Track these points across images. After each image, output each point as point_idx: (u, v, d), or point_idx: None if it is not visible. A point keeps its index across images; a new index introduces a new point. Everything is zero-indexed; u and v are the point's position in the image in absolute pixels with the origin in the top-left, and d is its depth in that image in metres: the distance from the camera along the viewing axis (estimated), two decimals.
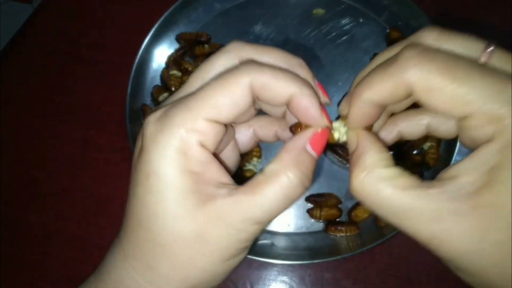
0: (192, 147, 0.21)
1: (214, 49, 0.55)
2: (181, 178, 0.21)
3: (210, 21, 0.59)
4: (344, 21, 0.57)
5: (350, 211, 0.48)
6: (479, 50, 0.20)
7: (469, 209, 0.18)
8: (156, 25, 0.54)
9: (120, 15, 0.62)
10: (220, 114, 0.22)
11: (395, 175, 0.20)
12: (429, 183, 0.19)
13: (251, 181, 0.22)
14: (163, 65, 0.56)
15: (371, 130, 0.24)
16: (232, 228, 0.21)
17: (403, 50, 0.20)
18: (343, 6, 0.58)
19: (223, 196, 0.21)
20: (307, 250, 0.47)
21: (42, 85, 0.58)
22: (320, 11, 0.58)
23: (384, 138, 0.27)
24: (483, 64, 0.20)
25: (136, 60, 0.53)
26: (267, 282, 0.47)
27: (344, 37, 0.57)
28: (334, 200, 0.48)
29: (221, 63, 0.24)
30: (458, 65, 0.19)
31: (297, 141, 0.23)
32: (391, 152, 0.22)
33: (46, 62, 0.59)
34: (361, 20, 0.57)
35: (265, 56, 0.24)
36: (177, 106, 0.22)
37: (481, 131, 0.18)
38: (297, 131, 0.24)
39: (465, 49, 0.20)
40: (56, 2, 0.64)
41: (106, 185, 0.52)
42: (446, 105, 0.19)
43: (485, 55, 0.20)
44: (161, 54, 0.56)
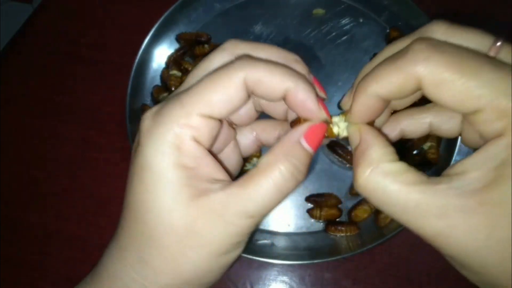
0: (186, 142, 0.21)
1: (214, 49, 0.54)
2: (174, 171, 0.21)
3: (210, 21, 0.59)
4: (344, 21, 0.57)
5: (350, 211, 0.48)
6: (487, 45, 0.20)
7: (476, 205, 0.17)
8: (156, 25, 0.54)
9: (120, 15, 0.62)
10: (214, 109, 0.22)
11: (401, 170, 0.20)
12: (435, 179, 0.19)
13: (245, 175, 0.22)
14: (163, 65, 0.56)
15: (373, 126, 0.24)
16: (224, 221, 0.21)
17: (413, 43, 0.20)
18: (343, 6, 0.58)
19: (216, 190, 0.21)
20: (307, 250, 0.46)
21: (42, 85, 0.58)
22: (320, 11, 0.58)
23: (386, 135, 0.26)
24: (493, 57, 0.19)
25: (136, 60, 0.53)
26: (267, 282, 0.47)
27: (344, 37, 0.57)
28: (334, 200, 0.48)
29: (217, 61, 0.24)
30: (468, 58, 0.18)
31: (291, 134, 0.23)
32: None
33: (46, 62, 0.59)
34: (361, 20, 0.57)
35: (261, 53, 0.24)
36: (172, 102, 0.22)
37: (490, 126, 0.18)
38: (295, 126, 0.24)
39: (472, 44, 0.20)
40: (56, 2, 0.64)
41: (106, 185, 0.52)
42: (455, 99, 0.19)
43: (493, 50, 0.20)
44: (161, 54, 0.56)
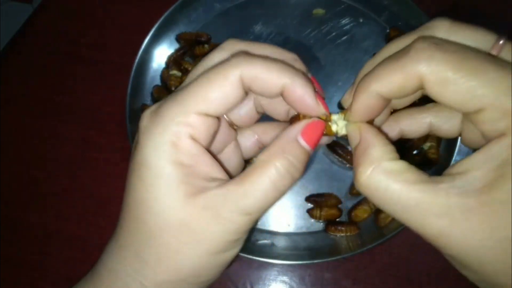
0: (183, 140, 0.22)
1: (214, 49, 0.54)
2: (171, 168, 0.21)
3: (210, 21, 0.59)
4: (344, 21, 0.57)
5: (350, 211, 0.48)
6: (490, 43, 0.20)
7: (477, 205, 0.17)
8: (156, 25, 0.54)
9: (120, 15, 0.62)
10: (210, 107, 0.22)
11: (403, 169, 0.19)
12: (437, 178, 0.19)
13: (242, 172, 0.22)
14: (163, 65, 0.56)
15: (372, 124, 0.24)
16: (220, 218, 0.21)
17: (415, 42, 0.20)
18: (343, 6, 0.58)
19: (213, 188, 0.22)
20: (307, 250, 0.46)
21: (42, 85, 0.58)
22: (320, 11, 0.58)
23: (386, 133, 0.26)
24: (496, 56, 0.19)
25: (136, 60, 0.53)
26: (267, 282, 0.47)
27: (344, 37, 0.57)
28: (334, 200, 0.48)
29: (216, 60, 0.24)
30: (471, 57, 0.18)
31: (288, 132, 0.23)
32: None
33: (46, 62, 0.59)
34: (361, 20, 0.57)
35: (259, 51, 0.24)
36: (169, 100, 0.22)
37: (493, 126, 0.18)
38: (294, 123, 0.24)
39: (475, 41, 0.20)
40: (56, 2, 0.63)
41: (106, 185, 0.52)
42: (458, 98, 0.18)
43: (496, 48, 0.19)
44: (161, 54, 0.56)
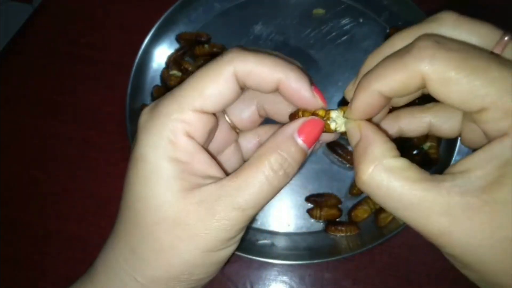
0: (179, 137, 0.22)
1: (214, 49, 0.55)
2: (167, 164, 0.21)
3: (210, 21, 0.59)
4: (344, 21, 0.57)
5: (350, 211, 0.48)
6: (495, 38, 0.20)
7: (480, 204, 0.17)
8: (156, 25, 0.54)
9: (120, 15, 0.62)
10: (206, 103, 0.22)
11: (404, 167, 0.19)
12: (439, 177, 0.19)
13: (237, 169, 0.22)
14: (163, 65, 0.56)
15: (372, 122, 0.23)
16: (214, 213, 0.21)
17: (417, 40, 0.19)
18: (343, 6, 0.58)
19: (208, 184, 0.22)
20: (307, 250, 0.46)
21: (42, 85, 0.58)
22: (320, 11, 0.58)
23: (386, 131, 0.26)
24: (499, 55, 0.19)
25: (136, 60, 0.53)
26: (267, 282, 0.47)
27: (344, 37, 0.57)
28: (334, 200, 0.48)
29: None
30: (474, 56, 0.18)
31: (285, 129, 0.23)
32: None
33: (46, 62, 0.59)
34: (361, 20, 0.57)
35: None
36: (166, 97, 0.23)
37: (495, 125, 0.18)
38: (292, 120, 0.24)
39: (480, 36, 0.20)
40: (56, 2, 0.64)
41: (106, 185, 0.52)
42: (460, 97, 0.18)
43: (501, 44, 0.19)
44: (161, 54, 0.56)
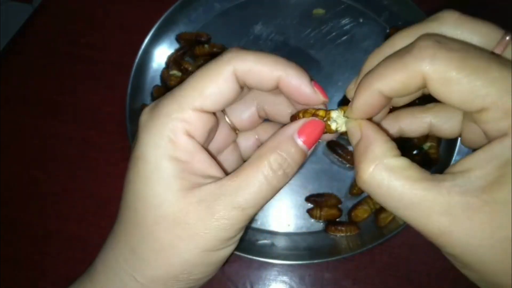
0: (179, 136, 0.22)
1: (214, 49, 0.55)
2: (167, 163, 0.22)
3: (210, 21, 0.59)
4: (344, 21, 0.57)
5: (350, 211, 0.48)
6: (496, 38, 0.20)
7: (479, 204, 0.17)
8: (156, 25, 0.54)
9: (120, 15, 0.62)
10: (205, 102, 0.22)
11: (405, 166, 0.19)
12: (439, 176, 0.19)
13: (237, 169, 0.22)
14: (163, 65, 0.56)
15: (372, 121, 0.23)
16: (214, 212, 0.21)
17: (418, 39, 0.19)
18: (343, 6, 0.58)
19: (207, 183, 0.22)
20: (307, 250, 0.46)
21: (42, 85, 0.58)
22: (320, 11, 0.58)
23: (386, 130, 0.26)
24: (499, 55, 0.19)
25: (136, 60, 0.53)
26: (267, 282, 0.47)
27: (344, 37, 0.57)
28: (334, 200, 0.48)
29: None
30: (475, 56, 0.18)
31: (285, 129, 0.23)
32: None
33: (46, 62, 0.59)
34: (361, 20, 0.57)
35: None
36: (166, 97, 0.23)
37: (495, 125, 0.18)
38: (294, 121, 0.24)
39: (482, 36, 0.20)
40: (56, 2, 0.64)
41: (106, 185, 0.52)
42: (461, 97, 0.18)
43: (502, 44, 0.19)
44: (161, 54, 0.56)
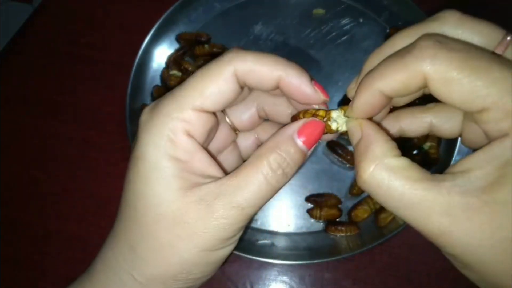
0: (179, 136, 0.22)
1: (214, 49, 0.55)
2: (167, 163, 0.22)
3: (210, 21, 0.59)
4: (344, 21, 0.57)
5: (350, 211, 0.48)
6: (497, 38, 0.20)
7: (479, 204, 0.17)
8: (156, 25, 0.54)
9: (120, 15, 0.62)
10: (206, 102, 0.22)
11: (405, 166, 0.19)
12: (439, 176, 0.19)
13: (237, 168, 0.22)
14: (163, 65, 0.56)
15: (373, 121, 0.23)
16: (213, 211, 0.21)
17: (419, 39, 0.19)
18: (343, 6, 0.58)
19: (207, 183, 0.22)
20: (307, 250, 0.46)
21: (42, 85, 0.58)
22: (320, 11, 0.58)
23: (387, 130, 0.26)
24: (500, 56, 0.19)
25: (136, 60, 0.53)
26: (267, 282, 0.47)
27: (344, 37, 0.57)
28: (334, 200, 0.48)
29: None
30: (476, 56, 0.18)
31: (285, 129, 0.23)
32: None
33: (46, 62, 0.59)
34: (361, 20, 0.57)
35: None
36: (167, 97, 0.23)
37: (496, 126, 0.18)
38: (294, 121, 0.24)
39: (483, 36, 0.20)
40: (56, 2, 0.64)
41: (106, 185, 0.52)
42: (462, 97, 0.18)
43: (503, 45, 0.19)
44: (161, 54, 0.56)
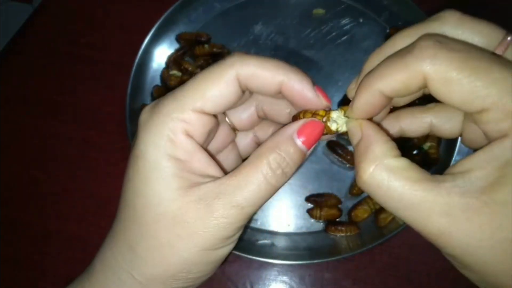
0: (178, 136, 0.22)
1: (214, 49, 0.55)
2: (167, 162, 0.22)
3: (210, 21, 0.59)
4: (344, 21, 0.57)
5: (350, 211, 0.48)
6: (498, 38, 0.20)
7: (479, 205, 0.17)
8: (156, 25, 0.54)
9: (120, 15, 0.62)
10: (207, 104, 0.22)
11: (405, 166, 0.19)
12: (439, 177, 0.19)
13: (236, 168, 0.22)
14: (163, 65, 0.56)
15: (373, 121, 0.23)
16: (212, 211, 0.21)
17: (419, 39, 0.19)
18: (343, 6, 0.58)
19: (206, 182, 0.22)
20: (307, 250, 0.46)
21: (42, 85, 0.58)
22: (320, 11, 0.58)
23: (387, 130, 0.26)
24: (500, 56, 0.19)
25: (136, 60, 0.53)
26: (267, 282, 0.47)
27: (344, 37, 0.57)
28: (334, 200, 0.48)
29: None
30: (476, 57, 0.18)
31: (285, 129, 0.23)
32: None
33: (46, 62, 0.59)
34: (361, 20, 0.57)
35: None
36: (167, 97, 0.23)
37: (496, 126, 0.18)
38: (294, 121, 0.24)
39: (483, 36, 0.20)
40: (56, 2, 0.64)
41: (106, 185, 0.52)
42: (462, 98, 0.18)
43: (503, 45, 0.19)
44: (161, 54, 0.56)
